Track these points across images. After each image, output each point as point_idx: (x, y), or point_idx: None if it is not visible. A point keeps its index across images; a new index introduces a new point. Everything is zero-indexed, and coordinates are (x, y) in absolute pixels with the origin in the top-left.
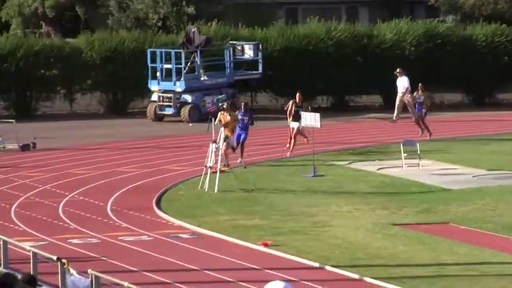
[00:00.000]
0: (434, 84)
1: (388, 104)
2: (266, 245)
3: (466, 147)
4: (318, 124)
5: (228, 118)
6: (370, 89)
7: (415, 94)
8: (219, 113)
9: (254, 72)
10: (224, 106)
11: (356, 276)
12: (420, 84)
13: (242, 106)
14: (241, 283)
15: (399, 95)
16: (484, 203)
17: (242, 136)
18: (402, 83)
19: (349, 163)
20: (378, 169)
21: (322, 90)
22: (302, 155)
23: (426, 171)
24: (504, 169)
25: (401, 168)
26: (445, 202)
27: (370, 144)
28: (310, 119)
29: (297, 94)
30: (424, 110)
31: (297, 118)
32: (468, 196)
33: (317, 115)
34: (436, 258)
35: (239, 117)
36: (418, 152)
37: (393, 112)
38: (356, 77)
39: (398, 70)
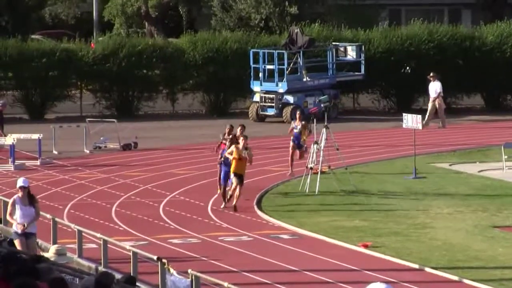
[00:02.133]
0: None
1: (489, 106)
2: (366, 246)
3: None
4: (419, 126)
5: (245, 155)
6: (471, 91)
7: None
8: (232, 146)
9: (356, 73)
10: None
11: (455, 278)
12: (298, 113)
13: (227, 130)
14: (341, 284)
15: (431, 99)
16: None
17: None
18: (435, 87)
19: (450, 165)
20: (479, 171)
21: (423, 91)
22: (403, 157)
23: None
24: None
25: (502, 171)
26: None
27: (471, 146)
28: (412, 120)
29: (297, 113)
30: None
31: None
32: None
33: (419, 117)
34: None
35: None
36: None
37: (494, 115)
38: (457, 79)
39: (431, 74)
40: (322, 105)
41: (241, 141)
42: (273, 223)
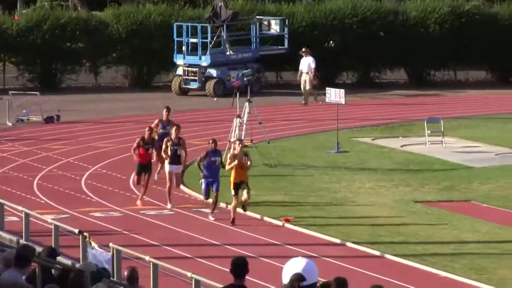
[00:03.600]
0: (459, 61)
1: (412, 81)
2: (288, 220)
3: (489, 125)
4: (342, 101)
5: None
6: (395, 66)
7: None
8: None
9: (280, 47)
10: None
11: (377, 253)
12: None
13: (212, 144)
14: (262, 258)
15: (303, 75)
16: (507, 182)
17: (215, 186)
18: (307, 62)
19: (373, 140)
20: (401, 146)
21: (347, 66)
22: (326, 131)
23: (449, 148)
24: None
25: (425, 145)
26: (467, 180)
27: (394, 120)
28: (335, 95)
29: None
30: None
31: (177, 159)
32: (491, 174)
33: (342, 91)
34: (457, 236)
35: (211, 158)
36: (442, 129)
37: (417, 90)
38: (380, 54)
39: (303, 49)
40: (245, 79)
41: (237, 146)
42: (195, 197)
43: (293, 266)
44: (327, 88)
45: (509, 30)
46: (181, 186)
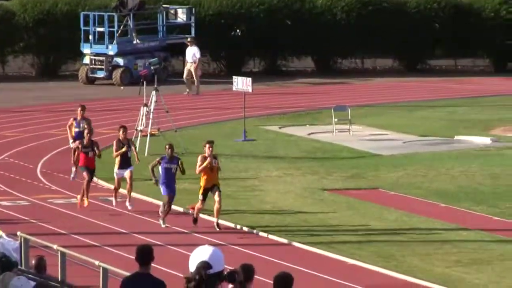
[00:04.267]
0: (366, 50)
1: (319, 69)
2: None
3: (397, 113)
4: (249, 89)
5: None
6: (302, 54)
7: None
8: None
9: (187, 36)
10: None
11: (285, 241)
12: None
13: (167, 149)
14: (169, 246)
15: (188, 65)
16: (414, 169)
17: (169, 192)
18: (192, 52)
19: (280, 128)
20: (308, 134)
21: (254, 54)
22: (233, 119)
23: (357, 136)
24: (435, 135)
25: (332, 133)
26: (375, 167)
27: (301, 109)
28: (242, 83)
29: (121, 130)
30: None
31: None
32: (398, 161)
33: (249, 79)
34: (365, 223)
35: (164, 165)
36: (349, 117)
37: (324, 78)
38: (287, 42)
39: (189, 39)
40: (152, 67)
41: (207, 149)
42: (102, 186)
43: (200, 254)
44: (234, 77)
45: (416, 18)
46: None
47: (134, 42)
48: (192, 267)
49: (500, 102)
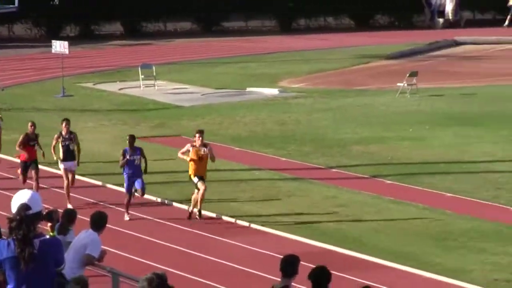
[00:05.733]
0: (168, 14)
1: (127, 33)
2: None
3: (196, 69)
4: (66, 51)
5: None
6: (112, 19)
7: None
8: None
9: (10, 6)
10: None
11: (99, 183)
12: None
13: (128, 140)
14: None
15: None
16: (212, 118)
17: (139, 184)
18: None
19: (94, 84)
20: (119, 89)
21: (70, 20)
22: (53, 78)
23: (161, 90)
24: (229, 88)
25: (139, 88)
26: (177, 117)
27: (112, 67)
28: (60, 46)
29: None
30: None
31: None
32: (198, 112)
33: (65, 43)
34: (170, 167)
35: (128, 157)
36: (154, 74)
37: (132, 40)
38: (99, 8)
39: None
40: None
41: (197, 138)
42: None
43: (20, 197)
44: (53, 41)
45: None
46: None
47: None
48: (14, 209)
49: (286, 57)
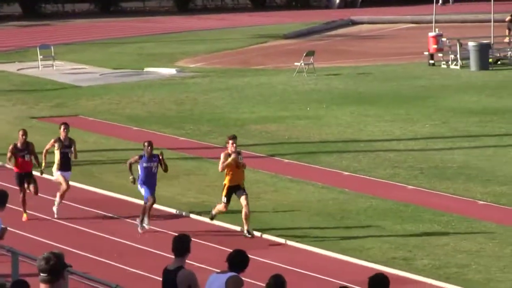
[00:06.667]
0: None
1: (26, 14)
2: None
3: (94, 49)
4: None
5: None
6: (10, 1)
7: None
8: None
9: None
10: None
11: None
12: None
13: (146, 146)
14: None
15: None
16: (109, 98)
17: (150, 192)
18: None
19: None
20: (18, 70)
21: None
22: None
23: (60, 70)
24: (127, 68)
25: (38, 69)
26: (76, 97)
27: (10, 48)
28: None
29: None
30: None
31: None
32: (96, 91)
33: None
34: (85, 146)
35: (144, 164)
36: (53, 54)
37: (31, 21)
38: None
39: None
40: None
41: (230, 145)
42: None
43: None
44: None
45: None
46: None
47: None
48: None
49: (183, 37)
